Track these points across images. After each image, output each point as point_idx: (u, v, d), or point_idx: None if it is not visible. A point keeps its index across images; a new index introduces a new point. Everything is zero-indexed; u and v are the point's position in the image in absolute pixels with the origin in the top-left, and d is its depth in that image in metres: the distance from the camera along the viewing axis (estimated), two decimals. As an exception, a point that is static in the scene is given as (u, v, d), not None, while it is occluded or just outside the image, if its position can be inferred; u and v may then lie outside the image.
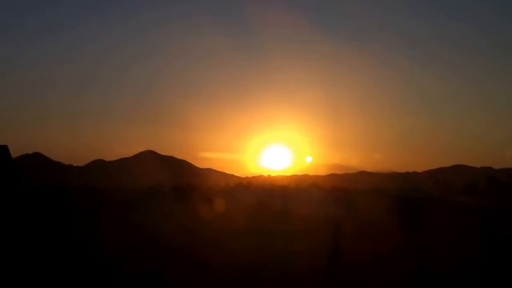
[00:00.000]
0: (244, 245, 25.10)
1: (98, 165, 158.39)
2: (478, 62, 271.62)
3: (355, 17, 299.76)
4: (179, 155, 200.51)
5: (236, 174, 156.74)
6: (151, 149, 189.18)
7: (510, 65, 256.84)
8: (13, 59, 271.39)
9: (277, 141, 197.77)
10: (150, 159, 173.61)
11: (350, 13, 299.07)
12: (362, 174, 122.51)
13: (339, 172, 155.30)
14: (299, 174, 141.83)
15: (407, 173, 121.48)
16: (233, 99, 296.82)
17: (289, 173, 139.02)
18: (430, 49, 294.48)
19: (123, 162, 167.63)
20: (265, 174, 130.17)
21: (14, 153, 44.37)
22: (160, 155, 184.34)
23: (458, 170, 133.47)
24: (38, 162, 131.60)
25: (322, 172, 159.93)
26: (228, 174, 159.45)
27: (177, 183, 71.10)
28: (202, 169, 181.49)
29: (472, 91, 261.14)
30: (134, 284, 17.92)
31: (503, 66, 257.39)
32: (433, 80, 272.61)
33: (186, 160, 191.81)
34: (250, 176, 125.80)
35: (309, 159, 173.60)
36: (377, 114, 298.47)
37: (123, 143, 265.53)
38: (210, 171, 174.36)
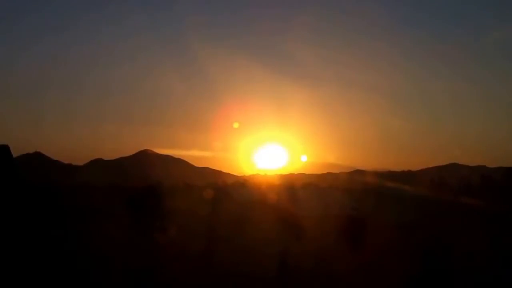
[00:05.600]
0: (252, 243, 25.44)
1: (97, 164, 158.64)
2: (473, 62, 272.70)
3: (350, 15, 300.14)
4: (176, 154, 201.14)
5: (233, 173, 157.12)
6: (149, 148, 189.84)
7: (505, 64, 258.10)
8: (13, 59, 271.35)
9: (271, 140, 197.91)
10: (148, 158, 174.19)
11: (345, 12, 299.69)
12: (358, 173, 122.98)
13: (334, 171, 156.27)
14: (295, 173, 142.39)
15: (403, 172, 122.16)
16: (229, 99, 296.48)
17: (285, 172, 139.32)
18: (426, 49, 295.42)
19: (121, 161, 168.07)
20: (261, 173, 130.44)
21: (15, 152, 44.83)
22: (157, 154, 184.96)
23: (453, 168, 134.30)
24: (38, 162, 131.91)
25: (318, 171, 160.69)
26: (224, 173, 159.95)
27: (176, 182, 71.68)
28: (199, 167, 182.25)
29: (468, 90, 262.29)
30: (132, 282, 18.34)
31: (498, 66, 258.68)
32: (429, 80, 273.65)
33: (183, 159, 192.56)
34: (246, 175, 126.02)
35: (304, 158, 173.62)
36: (372, 113, 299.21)
37: (121, 142, 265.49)
38: (207, 169, 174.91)
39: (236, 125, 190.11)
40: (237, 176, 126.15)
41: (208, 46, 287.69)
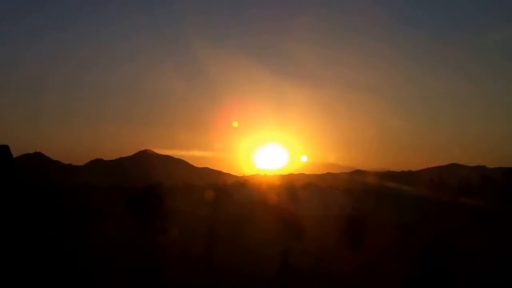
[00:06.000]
0: (251, 243, 25.37)
1: (97, 164, 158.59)
2: (473, 62, 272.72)
3: (350, 16, 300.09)
4: (176, 154, 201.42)
5: (232, 173, 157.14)
6: (149, 148, 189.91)
7: (505, 65, 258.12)
8: (13, 59, 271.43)
9: (271, 141, 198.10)
10: (148, 158, 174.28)
11: (345, 12, 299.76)
12: (358, 173, 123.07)
13: (334, 171, 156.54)
14: (295, 173, 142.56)
15: (402, 172, 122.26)
16: (229, 99, 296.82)
17: (285, 172, 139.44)
18: (426, 49, 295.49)
19: (121, 161, 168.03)
20: (261, 173, 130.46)
21: (15, 152, 44.80)
22: (157, 154, 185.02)
23: (453, 169, 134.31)
24: (38, 162, 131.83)
25: (318, 171, 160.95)
26: (224, 173, 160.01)
27: (176, 183, 71.63)
28: (199, 168, 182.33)
29: (468, 90, 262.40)
30: (133, 282, 18.31)
31: (498, 66, 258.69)
32: (429, 80, 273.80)
33: (183, 159, 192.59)
34: (246, 175, 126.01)
35: (304, 159, 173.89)
36: (372, 113, 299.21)
37: (121, 142, 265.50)
38: (207, 170, 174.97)
39: (235, 124, 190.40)
40: (237, 176, 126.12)
41: (208, 46, 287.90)
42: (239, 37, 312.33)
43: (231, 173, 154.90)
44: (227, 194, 52.45)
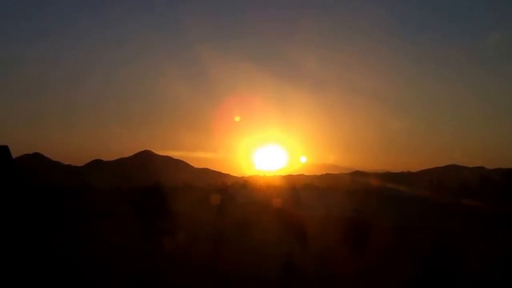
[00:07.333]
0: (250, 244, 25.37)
1: (97, 165, 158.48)
2: (472, 63, 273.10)
3: (351, 18, 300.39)
4: (176, 155, 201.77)
5: (232, 174, 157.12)
6: (148, 149, 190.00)
7: (504, 66, 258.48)
8: (13, 60, 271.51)
9: (271, 141, 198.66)
10: (148, 159, 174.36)
11: (346, 15, 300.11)
12: (357, 174, 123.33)
13: (333, 172, 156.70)
14: (294, 174, 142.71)
15: (402, 173, 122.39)
16: (229, 100, 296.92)
17: (284, 173, 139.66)
18: (425, 51, 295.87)
19: (121, 162, 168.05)
20: (261, 174, 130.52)
21: (15, 153, 44.80)
22: (158, 155, 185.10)
23: (452, 170, 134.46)
24: (38, 163, 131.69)
25: (317, 172, 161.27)
26: (224, 174, 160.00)
27: (176, 184, 71.70)
28: (198, 168, 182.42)
29: (467, 91, 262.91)
30: (133, 284, 18.31)
31: (497, 67, 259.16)
32: (428, 81, 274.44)
33: (183, 160, 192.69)
34: (246, 176, 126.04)
35: (303, 159, 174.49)
36: (372, 114, 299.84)
37: (121, 143, 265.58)
38: (206, 170, 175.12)
39: (237, 118, 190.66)
40: (237, 177, 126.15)
41: (210, 48, 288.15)
42: (240, 39, 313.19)
43: (231, 173, 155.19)
44: (228, 195, 52.45)
